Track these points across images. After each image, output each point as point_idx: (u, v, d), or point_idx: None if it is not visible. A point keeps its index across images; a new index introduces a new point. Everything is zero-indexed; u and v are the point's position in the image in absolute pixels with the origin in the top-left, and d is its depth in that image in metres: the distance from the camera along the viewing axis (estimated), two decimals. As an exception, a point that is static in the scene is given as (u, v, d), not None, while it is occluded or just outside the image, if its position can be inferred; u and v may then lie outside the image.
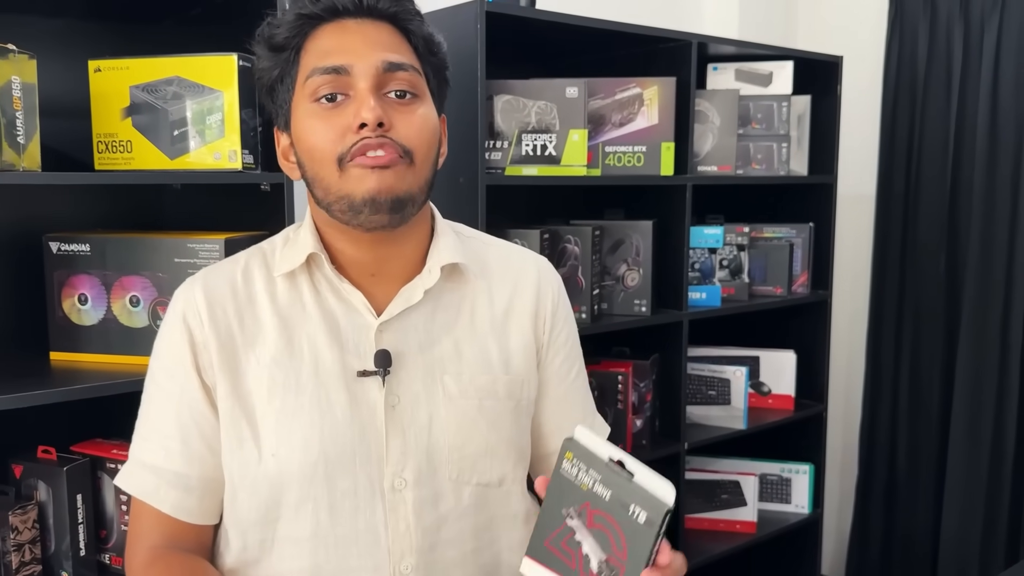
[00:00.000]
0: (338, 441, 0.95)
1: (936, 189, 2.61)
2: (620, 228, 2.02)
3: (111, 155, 1.46)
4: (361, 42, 0.93)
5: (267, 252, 1.03)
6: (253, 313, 0.99)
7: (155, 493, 0.98)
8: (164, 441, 0.98)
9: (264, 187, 1.48)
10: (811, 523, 2.50)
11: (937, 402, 2.65)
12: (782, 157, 2.27)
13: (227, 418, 0.96)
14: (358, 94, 0.91)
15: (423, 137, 0.94)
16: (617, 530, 0.74)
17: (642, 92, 1.95)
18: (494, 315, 1.05)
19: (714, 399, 2.27)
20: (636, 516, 0.73)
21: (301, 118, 0.94)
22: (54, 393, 1.27)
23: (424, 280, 1.00)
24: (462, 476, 0.99)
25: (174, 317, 0.99)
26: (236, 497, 0.98)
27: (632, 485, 0.74)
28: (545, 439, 1.12)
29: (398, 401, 0.98)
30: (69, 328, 1.45)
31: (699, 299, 2.15)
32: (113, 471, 1.40)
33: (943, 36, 2.57)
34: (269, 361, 0.97)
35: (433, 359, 1.00)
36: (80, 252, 1.44)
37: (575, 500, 0.77)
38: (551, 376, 1.10)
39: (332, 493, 0.95)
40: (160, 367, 1.00)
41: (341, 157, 0.91)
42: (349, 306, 0.99)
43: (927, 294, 2.66)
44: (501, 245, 1.13)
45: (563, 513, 0.77)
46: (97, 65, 1.45)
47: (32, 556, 1.34)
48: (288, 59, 0.95)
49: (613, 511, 0.74)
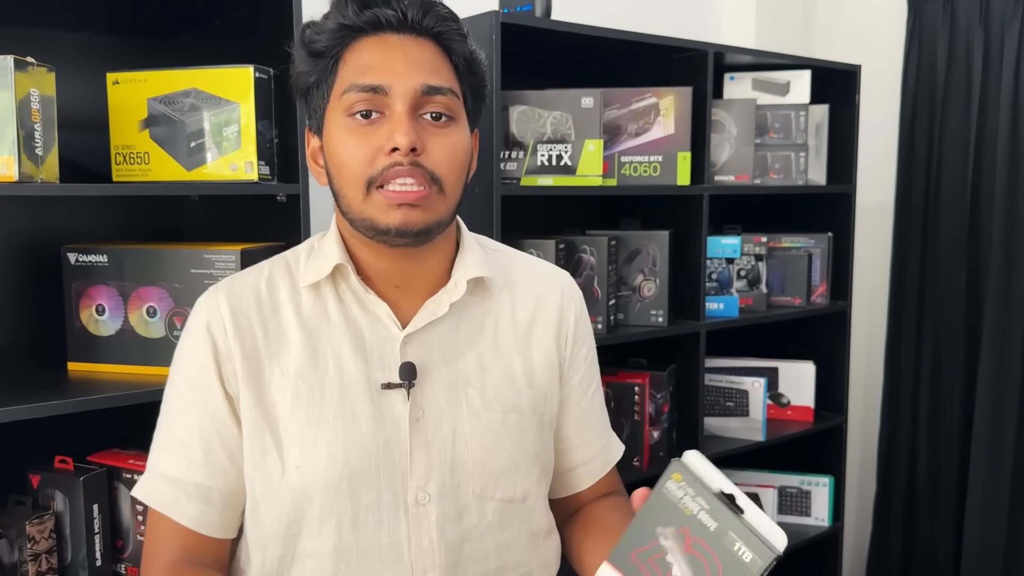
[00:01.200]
0: (363, 454, 0.94)
1: (956, 198, 2.59)
2: (636, 238, 2.01)
3: (128, 167, 1.47)
4: (402, 61, 0.91)
5: (291, 262, 1.03)
6: (278, 323, 0.98)
7: (175, 505, 0.96)
8: (185, 452, 0.97)
9: (280, 198, 1.48)
10: (831, 536, 2.46)
11: (958, 415, 2.62)
12: (800, 166, 2.25)
13: (250, 429, 0.95)
14: (394, 115, 0.91)
15: (454, 164, 0.94)
16: (716, 562, 0.73)
17: (658, 102, 1.94)
18: (517, 329, 1.04)
19: (732, 410, 2.25)
20: (741, 554, 0.72)
21: (334, 130, 0.93)
22: (71, 403, 1.28)
23: (450, 293, 1.00)
24: (486, 491, 0.98)
25: (197, 326, 0.98)
26: (258, 510, 0.96)
27: (741, 522, 0.73)
28: (564, 455, 1.11)
29: (422, 414, 0.97)
30: (86, 338, 1.45)
31: (716, 310, 2.13)
32: (130, 481, 1.40)
33: (963, 44, 2.54)
34: (293, 372, 0.96)
35: (457, 372, 0.99)
36: (98, 263, 1.45)
37: (674, 522, 0.76)
38: (571, 392, 1.09)
39: (356, 507, 0.94)
40: (182, 377, 0.99)
41: (370, 181, 0.91)
42: (374, 318, 0.98)
43: (947, 305, 2.63)
44: (525, 259, 1.12)
45: (657, 532, 0.76)
46: (115, 77, 1.46)
47: (49, 566, 1.34)
48: (326, 67, 0.94)
49: (715, 544, 0.73)
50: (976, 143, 2.52)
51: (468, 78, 0.97)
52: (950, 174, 2.59)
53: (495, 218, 1.66)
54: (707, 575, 0.74)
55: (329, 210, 1.94)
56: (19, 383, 1.38)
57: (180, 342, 1.00)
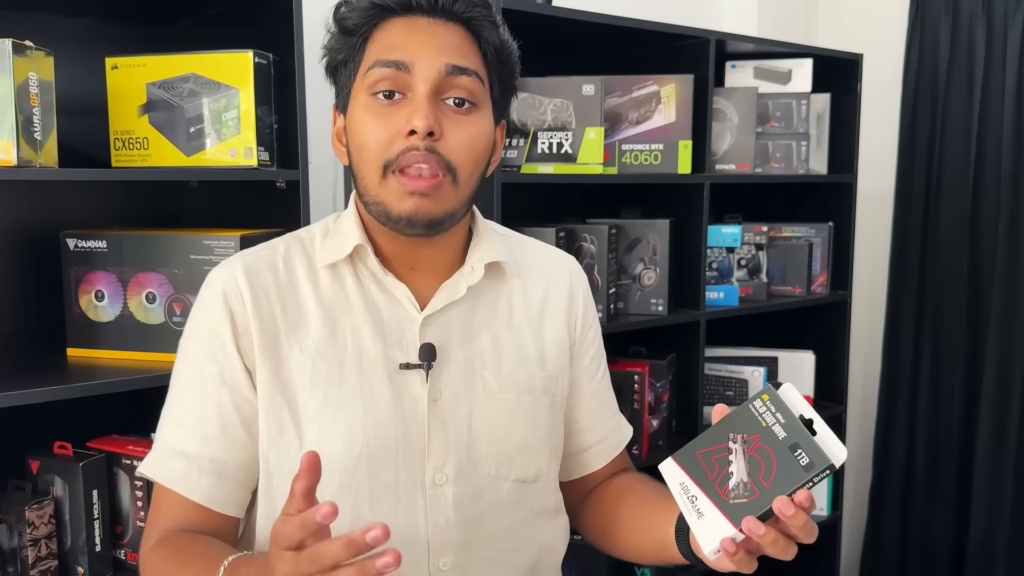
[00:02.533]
0: (381, 433, 0.94)
1: (958, 189, 2.58)
2: (637, 227, 2.00)
3: (128, 152, 1.47)
4: (428, 42, 0.92)
5: (306, 241, 1.02)
6: (296, 300, 0.98)
7: (185, 481, 0.94)
8: (200, 425, 0.95)
9: (280, 184, 1.48)
10: (830, 525, 2.47)
11: (959, 405, 2.62)
12: (801, 156, 2.25)
13: (267, 404, 0.94)
14: (415, 97, 0.91)
15: (471, 153, 0.93)
16: (773, 462, 0.79)
17: (659, 90, 1.94)
18: (530, 312, 1.06)
19: (732, 400, 2.25)
20: (799, 458, 0.78)
21: (357, 108, 0.94)
22: (70, 389, 1.28)
23: (467, 276, 1.00)
24: (500, 471, 0.99)
25: (212, 297, 0.96)
26: (271, 485, 0.95)
27: (810, 438, 0.78)
28: (576, 436, 1.12)
29: (440, 395, 0.98)
30: (86, 324, 1.45)
31: (716, 299, 2.13)
32: (129, 467, 1.40)
33: (965, 33, 2.53)
34: (312, 350, 0.95)
35: (473, 354, 1.00)
36: (97, 249, 1.44)
37: (748, 430, 0.81)
38: (582, 373, 1.11)
39: (374, 485, 0.94)
40: (197, 348, 0.97)
41: (387, 164, 0.91)
42: (392, 298, 0.99)
43: (948, 294, 2.62)
44: (534, 244, 1.14)
45: (729, 436, 0.82)
46: (114, 62, 1.45)
47: (48, 551, 1.34)
48: (355, 45, 0.95)
49: (779, 449, 0.79)
50: (978, 133, 2.51)
51: (497, 67, 0.97)
52: (952, 164, 2.58)
53: (495, 206, 1.65)
54: (760, 472, 0.79)
55: (328, 197, 1.95)
56: (18, 369, 1.38)
57: (192, 315, 0.99)
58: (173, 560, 0.90)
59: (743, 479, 0.80)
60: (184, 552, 0.90)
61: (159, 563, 0.92)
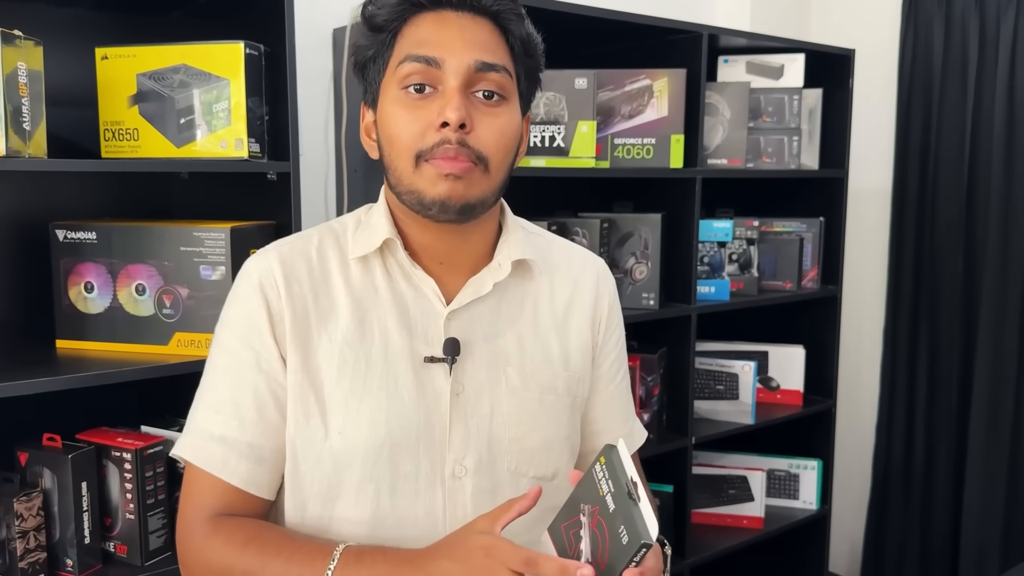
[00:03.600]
0: (404, 424, 0.96)
1: (953, 184, 2.58)
2: (629, 221, 2.00)
3: (117, 143, 1.46)
4: (458, 37, 0.93)
5: (339, 233, 1.04)
6: (328, 291, 0.99)
7: (224, 465, 0.96)
8: (237, 411, 0.96)
9: (271, 176, 1.47)
10: (819, 519, 2.48)
11: (956, 399, 2.63)
12: (793, 151, 2.25)
13: (295, 391, 0.96)
14: (446, 90, 0.92)
15: (501, 143, 0.95)
16: (607, 540, 0.80)
17: (652, 84, 1.94)
18: (555, 312, 1.07)
19: (722, 394, 2.26)
20: (622, 536, 0.78)
21: (388, 103, 0.95)
22: (59, 380, 1.27)
23: (494, 273, 1.02)
24: (520, 468, 1.01)
25: (248, 287, 0.98)
26: (297, 470, 0.97)
27: (633, 509, 0.79)
28: (590, 439, 1.13)
29: (462, 390, 0.99)
30: (75, 316, 1.45)
31: (708, 293, 2.13)
32: (118, 459, 1.40)
33: (958, 29, 2.53)
34: (341, 340, 0.97)
35: (497, 350, 1.01)
36: (86, 240, 1.44)
37: (592, 500, 0.82)
38: (601, 376, 1.12)
39: (395, 475, 0.96)
40: (234, 336, 0.99)
41: (420, 154, 0.92)
42: (419, 292, 1.00)
43: (944, 290, 2.63)
44: (563, 244, 1.15)
45: (580, 507, 0.83)
46: (104, 52, 1.45)
47: (37, 543, 1.34)
48: (384, 41, 0.96)
49: (610, 524, 0.80)
50: (972, 128, 2.51)
51: (523, 60, 0.99)
52: (947, 159, 2.59)
53: (487, 199, 1.65)
54: (599, 549, 0.80)
55: (319, 190, 1.94)
56: (7, 360, 1.37)
57: (229, 303, 1.01)
58: (252, 546, 0.91)
59: (588, 558, 0.81)
60: (263, 538, 0.92)
61: (232, 553, 0.92)
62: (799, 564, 2.56)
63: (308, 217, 1.63)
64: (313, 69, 1.84)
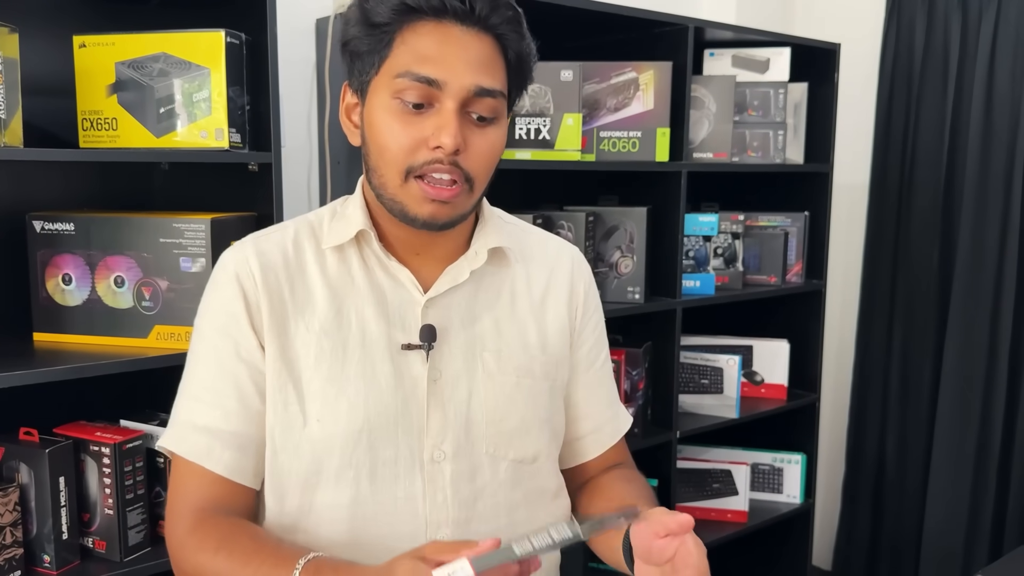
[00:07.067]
0: (382, 411, 0.97)
1: (931, 179, 2.60)
2: (614, 214, 2.00)
3: (96, 133, 1.44)
4: (461, 56, 0.92)
5: (314, 224, 1.05)
6: (304, 281, 1.00)
7: (208, 455, 0.97)
8: (220, 400, 0.98)
9: (252, 167, 1.45)
10: (803, 513, 2.49)
11: (927, 394, 2.64)
12: (778, 145, 2.25)
13: (274, 381, 0.98)
14: (443, 111, 0.92)
15: (490, 163, 0.97)
16: None
17: (638, 77, 1.93)
18: (532, 298, 1.08)
19: (707, 388, 2.26)
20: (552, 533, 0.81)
21: (379, 107, 0.94)
22: (37, 374, 1.26)
23: (471, 261, 1.03)
24: (498, 451, 1.02)
25: (225, 277, 0.99)
26: (276, 459, 0.98)
27: None
28: (573, 423, 1.14)
29: (440, 375, 1.00)
30: (53, 309, 1.42)
31: (693, 287, 2.13)
32: (97, 454, 1.38)
33: (940, 25, 2.54)
34: (318, 329, 0.99)
35: (474, 336, 1.03)
36: (64, 231, 1.41)
37: None
38: (580, 361, 1.13)
39: (374, 461, 0.97)
40: (213, 326, 1.00)
41: (410, 170, 0.93)
42: (396, 282, 1.02)
43: (919, 285, 2.65)
44: (538, 233, 1.17)
45: None
46: (82, 40, 1.42)
47: (13, 539, 1.32)
48: (381, 40, 0.93)
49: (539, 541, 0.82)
50: (952, 124, 2.52)
51: (517, 75, 0.99)
52: (925, 155, 2.60)
53: (472, 191, 1.64)
54: None
55: (302, 181, 1.92)
56: (-18, 353, 1.35)
57: (206, 294, 1.02)
58: (223, 552, 0.92)
59: None
60: (233, 543, 0.93)
61: (205, 556, 0.93)
62: (783, 558, 2.57)
63: (290, 208, 1.61)
64: (296, 59, 1.82)
